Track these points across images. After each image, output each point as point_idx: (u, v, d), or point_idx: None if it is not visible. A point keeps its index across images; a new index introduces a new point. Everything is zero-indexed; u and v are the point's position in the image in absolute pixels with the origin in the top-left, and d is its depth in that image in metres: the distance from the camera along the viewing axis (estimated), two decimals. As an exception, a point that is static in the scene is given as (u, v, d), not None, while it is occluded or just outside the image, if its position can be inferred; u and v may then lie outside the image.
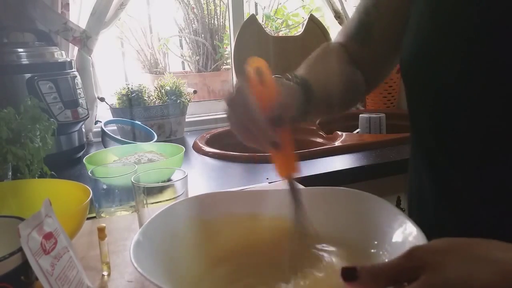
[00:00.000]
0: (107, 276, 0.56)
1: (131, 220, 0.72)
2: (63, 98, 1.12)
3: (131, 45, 1.68)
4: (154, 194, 0.61)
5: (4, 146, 0.75)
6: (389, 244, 0.45)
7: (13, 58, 1.09)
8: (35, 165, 0.80)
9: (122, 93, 1.35)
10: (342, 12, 1.62)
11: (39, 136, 0.81)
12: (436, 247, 0.32)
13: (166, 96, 1.39)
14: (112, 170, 0.77)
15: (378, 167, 1.07)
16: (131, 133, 1.31)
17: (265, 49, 1.55)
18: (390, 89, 1.71)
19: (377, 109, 1.69)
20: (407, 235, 0.43)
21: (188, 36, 1.70)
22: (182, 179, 0.63)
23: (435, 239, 0.34)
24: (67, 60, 1.19)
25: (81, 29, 1.29)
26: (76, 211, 0.61)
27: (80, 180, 0.79)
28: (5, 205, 0.68)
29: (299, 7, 1.86)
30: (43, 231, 0.41)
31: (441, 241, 0.33)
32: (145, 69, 1.71)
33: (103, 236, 0.56)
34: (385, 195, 1.13)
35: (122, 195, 0.76)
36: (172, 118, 1.40)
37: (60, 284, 0.40)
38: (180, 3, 1.67)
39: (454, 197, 0.52)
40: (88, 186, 0.68)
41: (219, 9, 1.71)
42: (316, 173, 1.01)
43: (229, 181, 1.00)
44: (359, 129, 1.46)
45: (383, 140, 1.25)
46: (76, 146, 1.21)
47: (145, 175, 0.65)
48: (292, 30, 1.81)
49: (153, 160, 0.94)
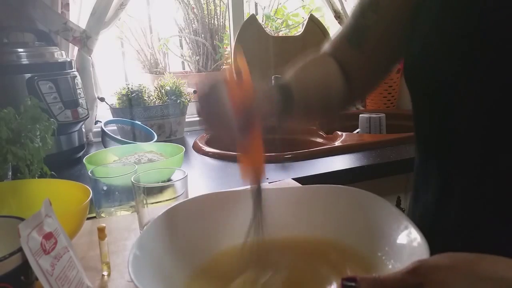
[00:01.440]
0: (107, 276, 0.56)
1: (131, 220, 0.72)
2: (63, 98, 1.12)
3: (131, 45, 1.68)
4: (154, 194, 0.61)
5: (4, 146, 0.75)
6: (390, 247, 0.45)
7: (13, 58, 1.09)
8: (35, 165, 0.80)
9: (122, 93, 1.35)
10: (342, 12, 1.62)
11: (39, 136, 0.81)
12: (439, 263, 0.32)
13: (166, 96, 1.39)
14: (112, 170, 0.78)
15: (378, 167, 1.07)
16: (131, 133, 1.31)
17: (265, 49, 1.55)
18: (390, 89, 1.71)
19: (377, 109, 1.69)
20: (409, 239, 0.43)
21: (188, 36, 1.70)
22: (182, 179, 0.63)
23: (438, 254, 0.34)
24: (67, 60, 1.19)
25: (81, 29, 1.29)
26: (76, 211, 0.61)
27: (80, 180, 0.80)
28: (5, 205, 0.68)
29: (299, 7, 1.86)
30: (43, 231, 0.41)
31: (444, 257, 0.33)
32: (145, 69, 1.70)
33: (103, 236, 0.56)
34: (385, 195, 1.13)
35: (122, 195, 0.76)
36: (172, 118, 1.40)
37: (60, 284, 0.40)
38: (180, 3, 1.67)
39: (455, 197, 0.52)
40: (88, 186, 0.68)
41: (219, 9, 1.70)
42: (316, 173, 1.01)
43: (229, 181, 1.00)
44: (359, 129, 1.46)
45: (383, 140, 1.25)
46: (76, 146, 1.21)
47: (145, 175, 0.65)
48: (292, 30, 1.81)
49: (153, 160, 0.94)
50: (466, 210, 0.51)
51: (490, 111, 0.46)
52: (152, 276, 0.42)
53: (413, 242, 0.42)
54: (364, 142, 1.25)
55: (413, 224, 0.44)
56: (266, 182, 0.92)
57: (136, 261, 0.41)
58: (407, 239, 0.43)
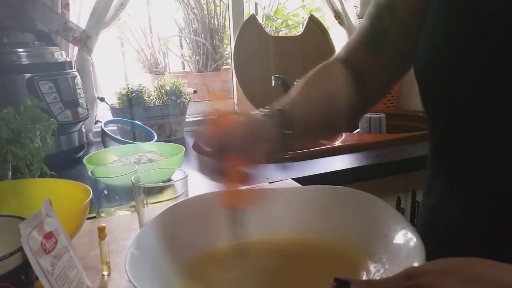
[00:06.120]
0: (107, 276, 0.56)
1: (131, 220, 0.72)
2: (63, 98, 1.12)
3: (131, 45, 1.68)
4: (154, 194, 0.61)
5: (4, 146, 0.75)
6: (387, 248, 0.45)
7: (13, 58, 1.09)
8: (35, 165, 0.80)
9: (122, 93, 1.35)
10: (342, 12, 1.62)
11: (39, 136, 0.81)
12: (432, 268, 0.33)
13: (166, 96, 1.39)
14: (112, 170, 0.77)
15: (378, 167, 1.07)
16: (131, 133, 1.31)
17: (265, 49, 1.55)
18: (390, 89, 1.71)
19: (377, 109, 1.69)
20: (406, 240, 0.43)
21: (188, 36, 1.70)
22: (182, 179, 0.63)
23: (431, 261, 0.34)
24: (67, 60, 1.19)
25: (81, 29, 1.29)
26: (76, 211, 0.61)
27: (80, 180, 0.79)
28: (5, 205, 0.68)
29: (299, 7, 1.86)
30: (44, 231, 0.41)
31: (436, 262, 0.33)
32: (145, 69, 1.71)
33: (103, 236, 0.56)
34: (385, 195, 1.14)
35: (122, 195, 0.76)
36: (172, 118, 1.40)
37: (60, 283, 0.40)
38: (180, 3, 1.67)
39: (462, 199, 0.52)
40: (88, 186, 0.68)
41: (219, 9, 1.71)
42: (316, 173, 1.01)
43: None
44: (359, 129, 1.46)
45: (383, 140, 1.25)
46: (76, 146, 1.21)
47: (145, 175, 0.65)
48: (292, 30, 1.81)
49: (153, 160, 0.94)
50: (472, 212, 0.51)
51: (497, 115, 0.46)
52: (149, 274, 0.42)
53: (410, 242, 0.42)
54: (364, 142, 1.25)
55: (410, 225, 0.44)
56: (266, 182, 0.92)
57: (133, 260, 0.41)
58: (404, 239, 0.43)
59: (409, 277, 0.32)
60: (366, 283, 0.33)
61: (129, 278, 0.38)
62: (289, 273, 0.48)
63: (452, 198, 0.54)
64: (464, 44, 0.48)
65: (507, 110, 0.45)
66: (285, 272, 0.48)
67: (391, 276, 0.33)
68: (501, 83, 0.45)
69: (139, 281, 0.38)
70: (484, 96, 0.47)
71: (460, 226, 0.52)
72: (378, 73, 0.65)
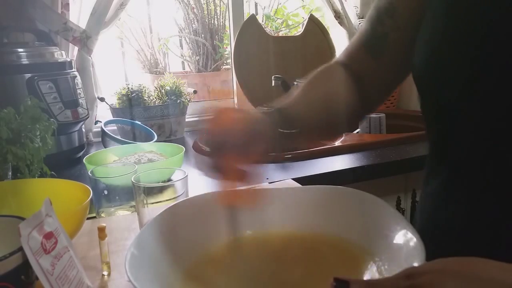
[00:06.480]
0: (107, 276, 0.56)
1: (131, 220, 0.72)
2: (63, 98, 1.12)
3: (131, 45, 1.68)
4: (154, 194, 0.61)
5: (4, 146, 0.75)
6: (387, 248, 0.45)
7: (13, 58, 1.09)
8: (35, 165, 0.80)
9: (122, 93, 1.35)
10: (342, 12, 1.62)
11: (39, 136, 0.81)
12: (432, 268, 0.33)
13: (166, 96, 1.39)
14: (112, 170, 0.77)
15: (378, 167, 1.07)
16: (131, 133, 1.31)
17: (265, 49, 1.55)
18: (390, 89, 1.71)
19: (377, 109, 1.68)
20: (405, 240, 0.43)
21: (188, 36, 1.70)
22: (182, 179, 0.63)
23: (430, 261, 0.34)
24: (67, 60, 1.19)
25: (81, 29, 1.29)
26: (76, 211, 0.61)
27: (80, 180, 0.79)
28: (5, 205, 0.68)
29: (299, 7, 1.86)
30: (44, 231, 0.41)
31: (436, 262, 0.33)
32: (145, 69, 1.71)
33: (103, 236, 0.56)
34: (385, 195, 1.14)
35: (122, 195, 0.76)
36: (172, 118, 1.40)
37: (60, 283, 0.40)
38: (180, 3, 1.67)
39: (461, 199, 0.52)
40: (88, 186, 0.68)
41: (219, 9, 1.71)
42: (316, 173, 1.01)
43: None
44: (359, 129, 1.46)
45: (383, 140, 1.25)
46: (76, 146, 1.21)
47: (145, 175, 0.65)
48: (292, 30, 1.81)
49: (153, 160, 0.94)
50: (470, 214, 0.51)
51: (496, 119, 0.46)
52: (149, 275, 0.42)
53: (410, 242, 0.42)
54: (364, 142, 1.25)
55: (410, 225, 0.44)
56: (266, 182, 0.93)
57: (133, 260, 0.41)
58: (404, 239, 0.43)
59: (409, 277, 0.32)
60: (366, 283, 0.33)
61: (129, 278, 0.38)
62: (289, 273, 0.48)
63: (451, 198, 0.54)
64: (462, 48, 0.48)
65: (505, 114, 0.45)
66: (285, 272, 0.48)
67: (391, 276, 0.33)
68: (499, 87, 0.45)
69: (139, 281, 0.38)
70: (483, 100, 0.47)
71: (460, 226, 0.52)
72: (379, 77, 0.65)
